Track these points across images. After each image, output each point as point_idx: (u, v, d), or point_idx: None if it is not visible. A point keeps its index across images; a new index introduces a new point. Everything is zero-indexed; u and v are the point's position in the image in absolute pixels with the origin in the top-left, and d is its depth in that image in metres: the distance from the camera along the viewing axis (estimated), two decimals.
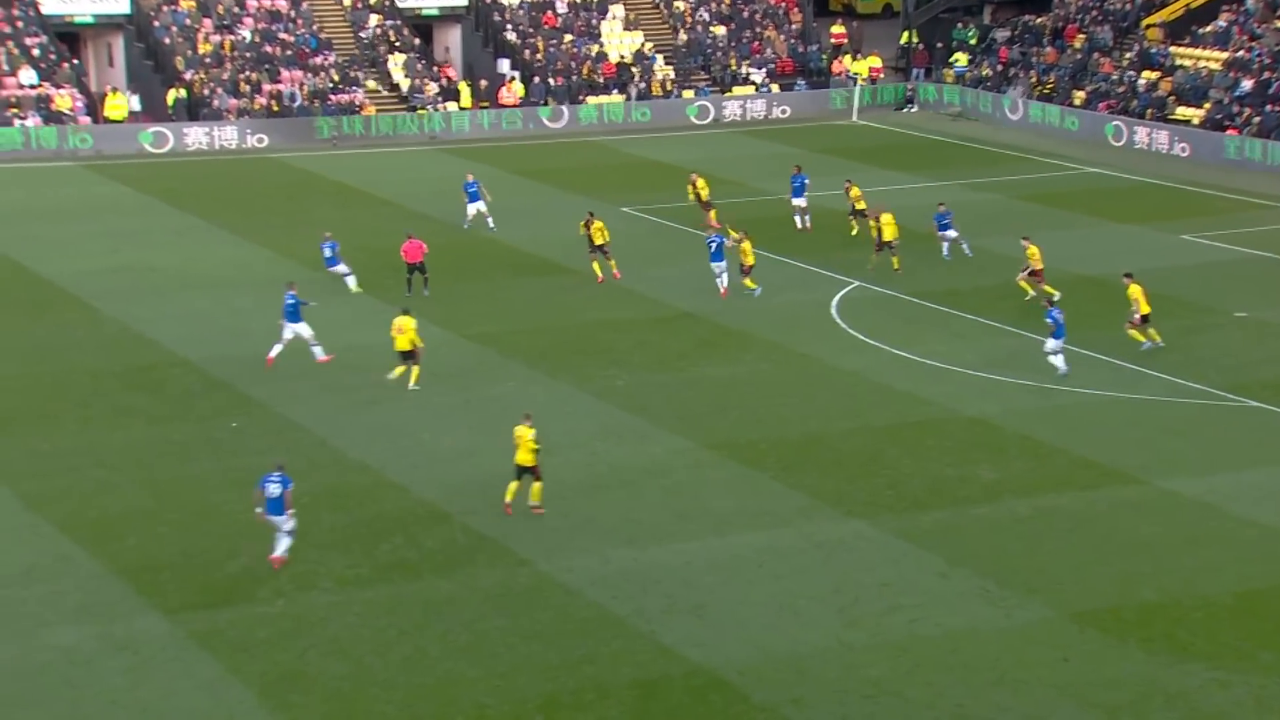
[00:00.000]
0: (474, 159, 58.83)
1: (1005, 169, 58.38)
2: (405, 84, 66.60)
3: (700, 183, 49.00)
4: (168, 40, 65.11)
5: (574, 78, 68.85)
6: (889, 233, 43.38)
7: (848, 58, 72.43)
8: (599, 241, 42.31)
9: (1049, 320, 35.38)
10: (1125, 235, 48.68)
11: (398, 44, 68.55)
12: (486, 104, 66.70)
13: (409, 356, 34.31)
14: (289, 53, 66.35)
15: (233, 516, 27.86)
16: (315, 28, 67.98)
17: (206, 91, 63.16)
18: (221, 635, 23.71)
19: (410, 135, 63.35)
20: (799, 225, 47.97)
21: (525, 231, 47.79)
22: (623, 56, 70.80)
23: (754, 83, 71.07)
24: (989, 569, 26.32)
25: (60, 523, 27.36)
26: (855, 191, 47.35)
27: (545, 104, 66.54)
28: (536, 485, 28.39)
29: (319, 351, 35.49)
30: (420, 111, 64.87)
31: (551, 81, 68.09)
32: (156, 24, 65.47)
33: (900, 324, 39.59)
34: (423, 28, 71.05)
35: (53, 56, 62.66)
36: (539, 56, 69.29)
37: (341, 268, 41.19)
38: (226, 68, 64.66)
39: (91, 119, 61.11)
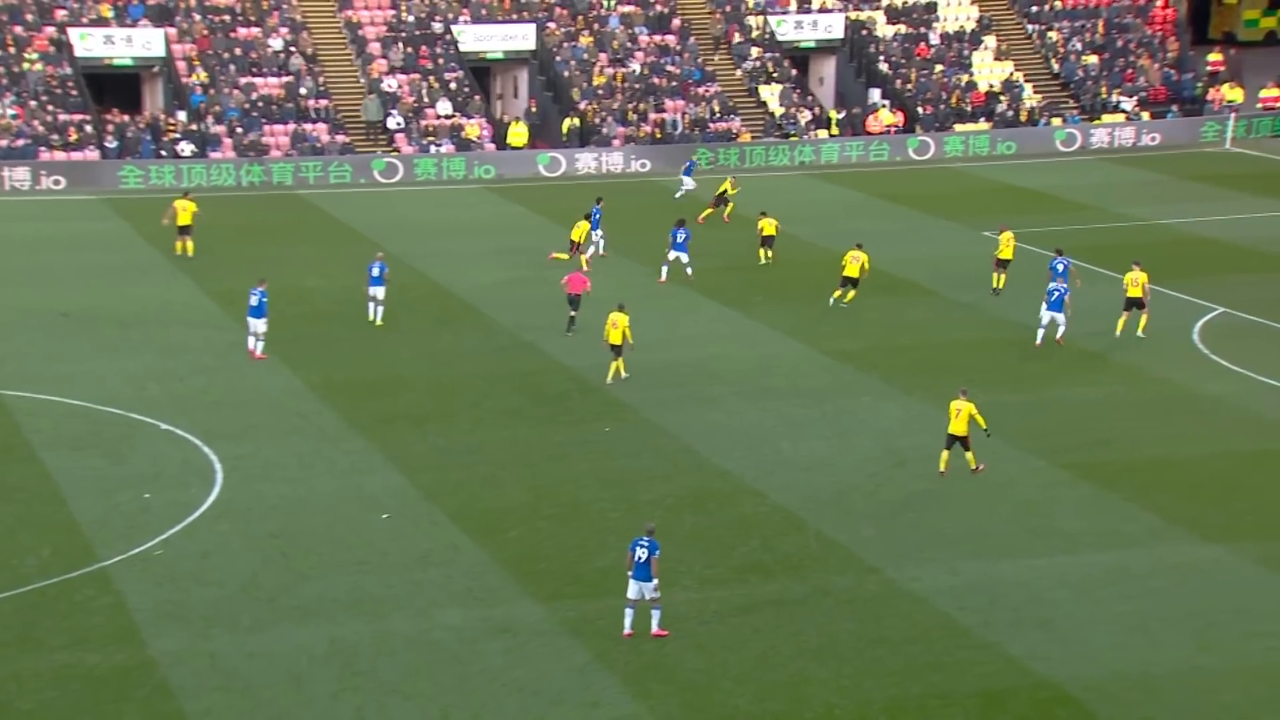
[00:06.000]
0: (842, 184, 58.59)
1: None
2: (778, 112, 66.86)
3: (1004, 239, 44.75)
4: (567, 73, 67.22)
5: (942, 106, 67.83)
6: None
7: (1225, 86, 69.01)
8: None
9: None
10: None
11: (775, 75, 68.88)
12: (853, 132, 66.35)
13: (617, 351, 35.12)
14: (674, 84, 67.54)
15: (604, 514, 28.44)
16: (700, 60, 68.98)
17: (598, 120, 64.92)
18: (591, 624, 24.13)
19: (781, 164, 63.52)
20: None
21: (887, 252, 47.22)
22: (991, 85, 69.34)
23: (1124, 111, 68.47)
24: None
25: (452, 513, 28.33)
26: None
27: (913, 132, 65.79)
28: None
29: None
30: (791, 137, 64.99)
31: (920, 110, 67.28)
32: (558, 59, 67.66)
33: (1274, 351, 37.34)
34: (799, 59, 71.20)
35: (467, 89, 65.52)
36: (909, 86, 68.49)
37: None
38: (617, 98, 66.32)
39: (495, 146, 63.63)
